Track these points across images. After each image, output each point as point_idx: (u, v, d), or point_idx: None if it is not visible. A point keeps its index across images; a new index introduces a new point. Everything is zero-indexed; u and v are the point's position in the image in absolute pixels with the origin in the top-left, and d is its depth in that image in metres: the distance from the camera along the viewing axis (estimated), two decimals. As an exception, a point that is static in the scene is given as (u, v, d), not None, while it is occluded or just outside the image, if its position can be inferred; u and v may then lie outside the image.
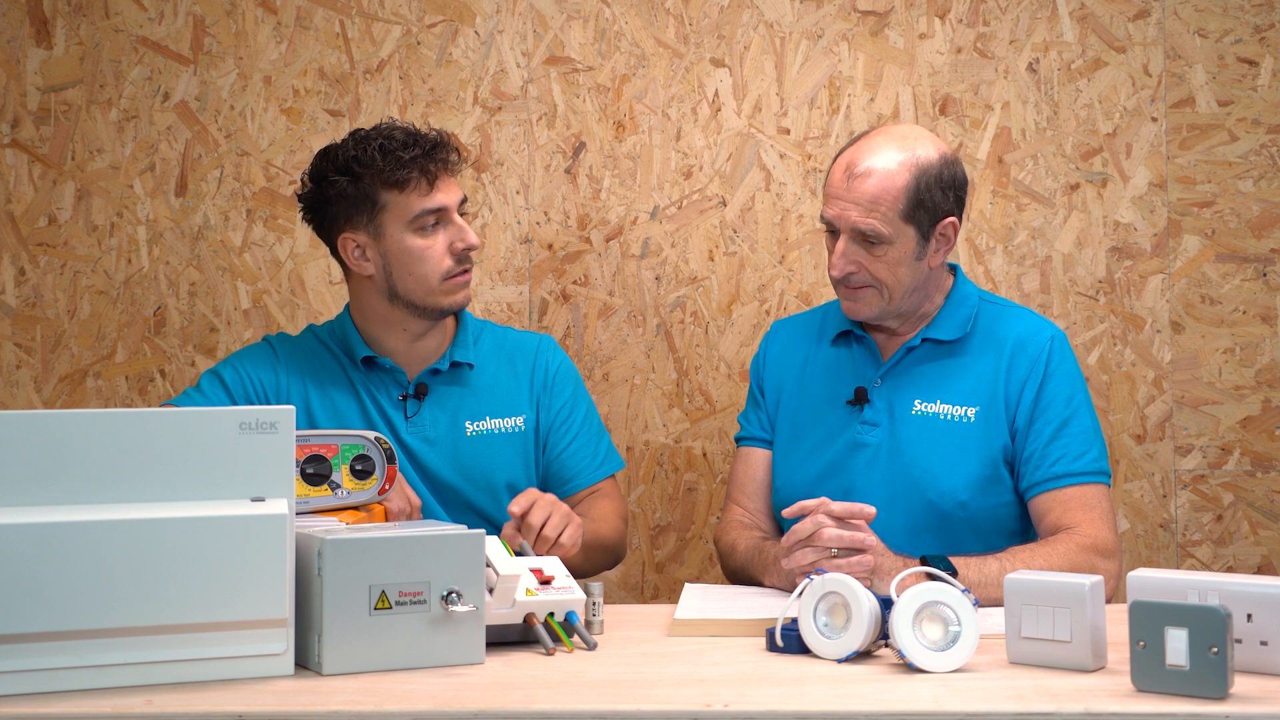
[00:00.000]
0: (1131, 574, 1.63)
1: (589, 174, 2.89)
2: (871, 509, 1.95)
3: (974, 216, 2.85)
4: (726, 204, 2.88)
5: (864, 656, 1.68)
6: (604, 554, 2.29)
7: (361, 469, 1.97)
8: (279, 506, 1.60)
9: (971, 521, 2.18)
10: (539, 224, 2.89)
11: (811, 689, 1.53)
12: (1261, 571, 2.80)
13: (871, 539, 1.95)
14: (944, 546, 2.13)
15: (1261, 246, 2.83)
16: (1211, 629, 1.45)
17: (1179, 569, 2.79)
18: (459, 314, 2.36)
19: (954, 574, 1.94)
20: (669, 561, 2.88)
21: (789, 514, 1.98)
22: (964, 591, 1.64)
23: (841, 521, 1.94)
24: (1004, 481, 2.20)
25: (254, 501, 1.61)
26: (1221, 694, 1.45)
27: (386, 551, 1.62)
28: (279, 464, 1.63)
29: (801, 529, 1.94)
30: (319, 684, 1.57)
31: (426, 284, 2.25)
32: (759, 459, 2.35)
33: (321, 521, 1.84)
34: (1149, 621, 1.48)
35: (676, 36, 2.88)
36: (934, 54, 2.86)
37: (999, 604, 1.77)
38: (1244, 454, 2.82)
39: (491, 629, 1.70)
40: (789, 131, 2.88)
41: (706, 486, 2.87)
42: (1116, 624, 1.60)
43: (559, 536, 2.01)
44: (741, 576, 2.23)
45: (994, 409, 2.20)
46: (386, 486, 1.99)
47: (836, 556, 1.93)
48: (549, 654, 1.70)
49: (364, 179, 2.22)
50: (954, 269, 2.33)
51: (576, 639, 1.76)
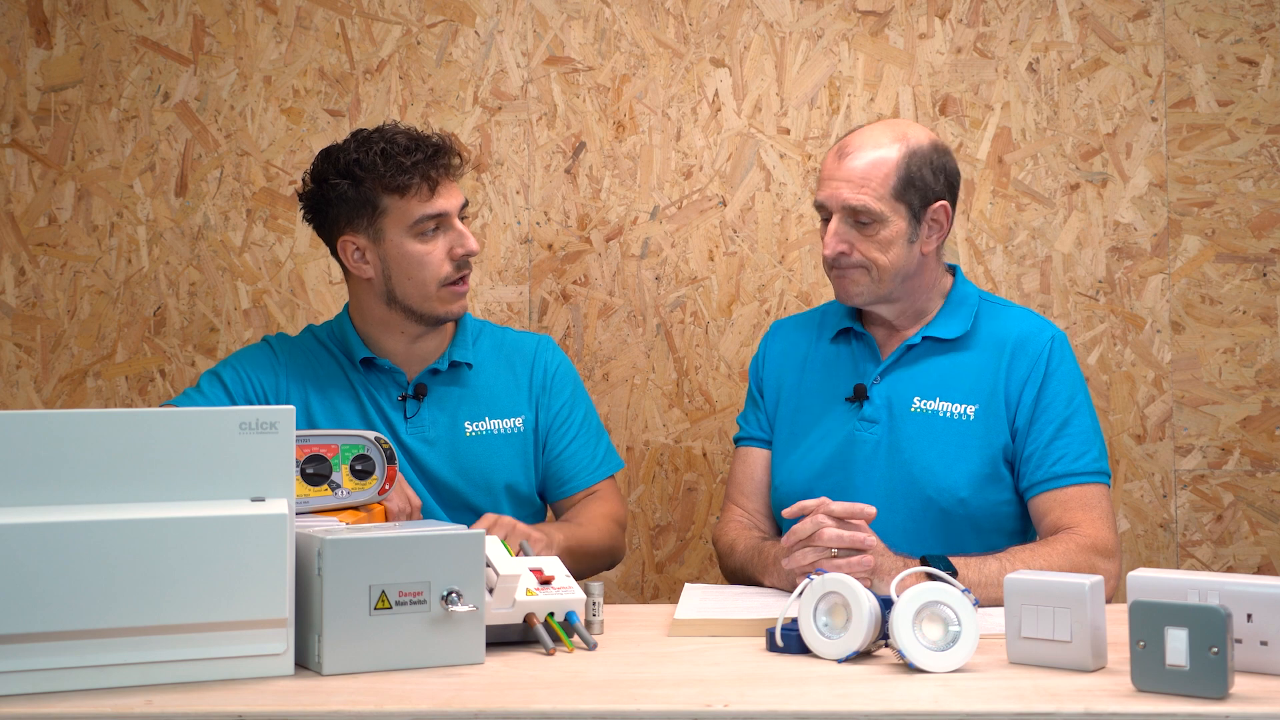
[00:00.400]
0: (1131, 574, 1.63)
1: (589, 174, 2.88)
2: (871, 509, 1.95)
3: (974, 216, 2.85)
4: (726, 204, 2.88)
5: (864, 656, 1.68)
6: (593, 559, 2.29)
7: (361, 469, 1.97)
8: (279, 506, 1.60)
9: (971, 519, 2.19)
10: (539, 224, 2.89)
11: (811, 689, 1.53)
12: (1261, 571, 2.80)
13: (871, 539, 1.95)
14: (944, 544, 2.13)
15: (1261, 246, 2.83)
16: (1211, 629, 1.45)
17: (1179, 569, 2.79)
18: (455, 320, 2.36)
19: (954, 574, 1.94)
20: (669, 561, 2.88)
21: (789, 514, 1.98)
22: (964, 591, 1.64)
23: (841, 521, 1.94)
24: (1004, 480, 2.20)
25: (254, 501, 1.61)
26: (1221, 694, 1.45)
27: (386, 551, 1.62)
28: (279, 464, 1.63)
29: (801, 529, 1.94)
30: (319, 684, 1.57)
31: (425, 289, 2.24)
32: (758, 459, 2.35)
33: (321, 521, 1.84)
34: (1149, 621, 1.48)
35: (676, 36, 2.88)
36: (934, 54, 2.86)
37: (999, 604, 1.77)
38: (1244, 454, 2.82)
39: (491, 629, 1.70)
40: (789, 131, 2.88)
41: (706, 486, 2.87)
42: (1116, 624, 1.60)
43: None
44: (740, 576, 2.23)
45: (994, 408, 2.20)
46: (386, 486, 1.99)
47: (836, 556, 1.93)
48: (549, 654, 1.70)
49: (365, 183, 2.22)
50: (954, 269, 2.33)
51: (576, 639, 1.76)
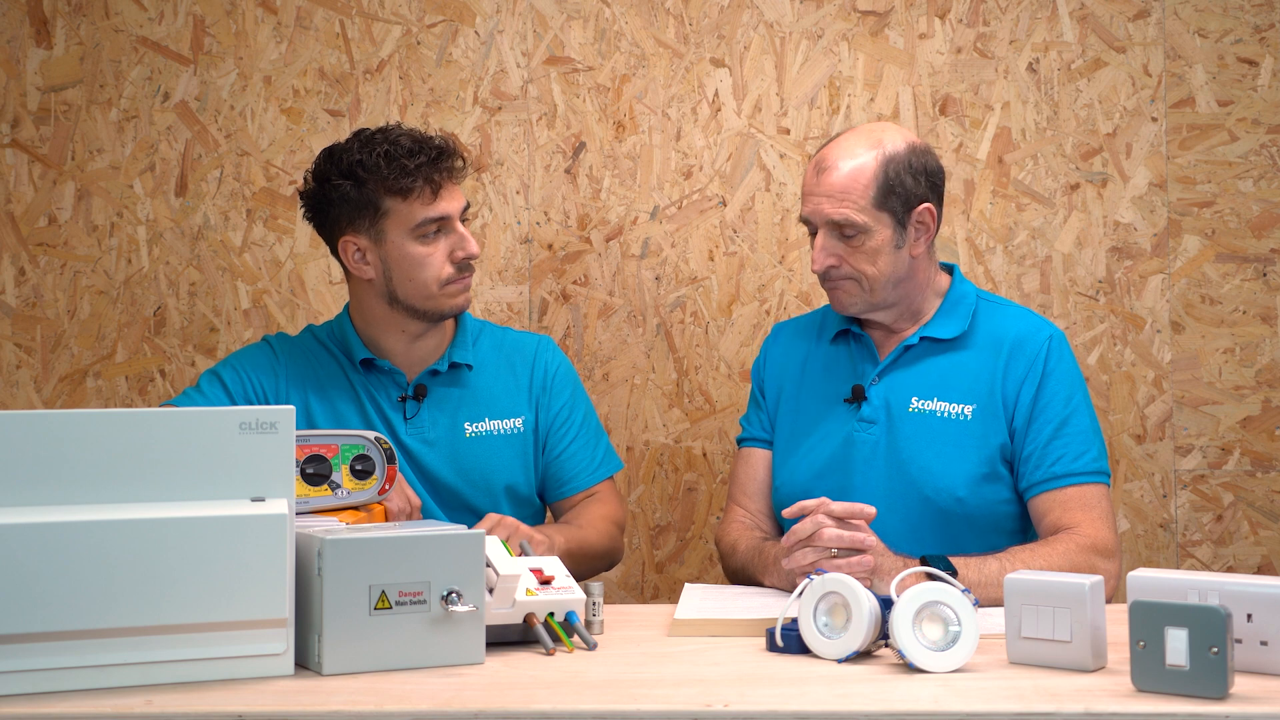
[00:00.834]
0: (1131, 574, 1.63)
1: (589, 174, 2.88)
2: (871, 509, 1.95)
3: (974, 216, 2.85)
4: (726, 204, 2.88)
5: (864, 656, 1.68)
6: (592, 560, 2.29)
7: (361, 469, 1.97)
8: (279, 506, 1.60)
9: (970, 519, 2.19)
10: (539, 224, 2.89)
11: (811, 689, 1.53)
12: (1261, 571, 2.80)
13: (871, 539, 1.95)
14: (943, 544, 2.13)
15: (1261, 246, 2.83)
16: (1211, 629, 1.45)
17: (1179, 569, 2.79)
18: (458, 315, 2.36)
19: (954, 574, 1.94)
20: (669, 561, 2.88)
21: (789, 514, 1.98)
22: (964, 591, 1.64)
23: (841, 521, 1.94)
24: (1003, 479, 2.20)
25: (254, 501, 1.61)
26: (1221, 694, 1.45)
27: (386, 551, 1.62)
28: (279, 464, 1.63)
29: (801, 529, 1.94)
30: (319, 684, 1.57)
31: (426, 290, 2.24)
32: (760, 459, 2.35)
33: (321, 521, 1.84)
34: (1149, 621, 1.48)
35: (676, 36, 2.88)
36: (934, 54, 2.86)
37: (999, 604, 1.77)
38: (1244, 454, 2.82)
39: (491, 629, 1.70)
40: (789, 131, 2.88)
41: (706, 486, 2.87)
42: (1116, 624, 1.60)
43: None
44: (742, 577, 2.23)
45: (992, 407, 2.20)
46: (386, 486, 1.99)
47: (836, 556, 1.93)
48: (549, 654, 1.70)
49: (367, 184, 2.21)
50: (951, 269, 2.33)
51: (576, 639, 1.76)
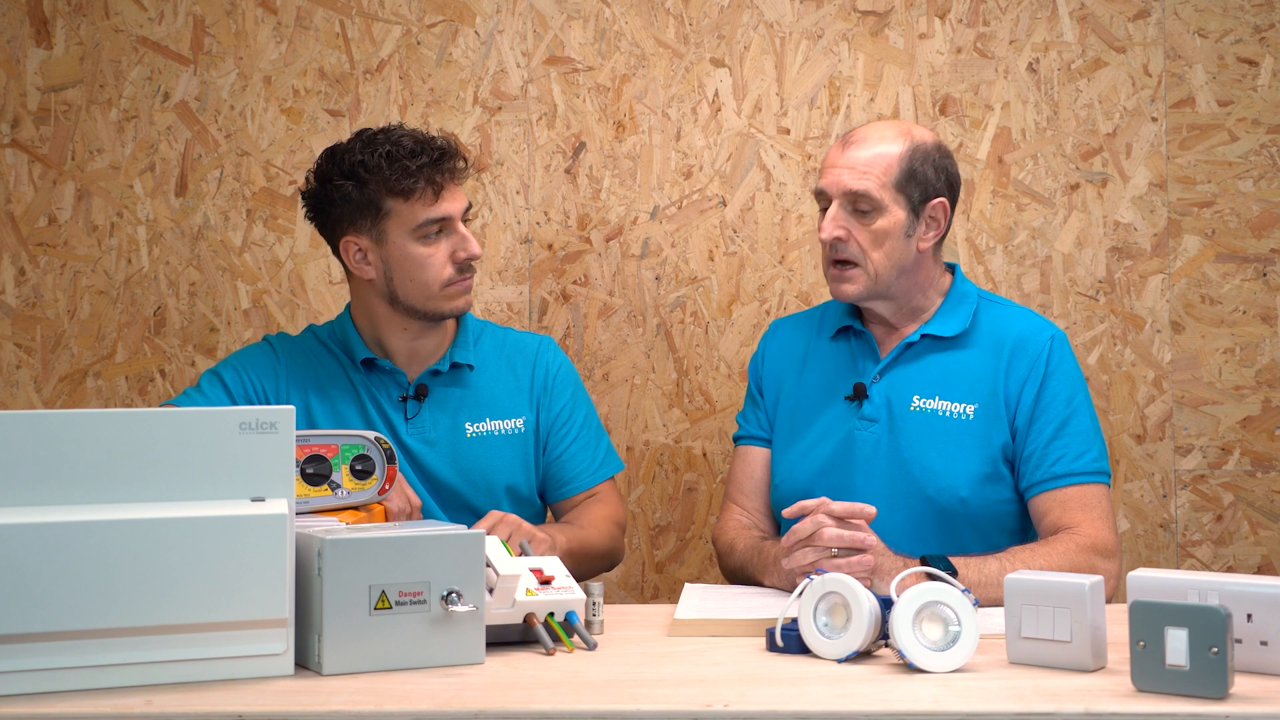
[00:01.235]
0: (1131, 574, 1.63)
1: (589, 174, 2.88)
2: (872, 509, 1.95)
3: (974, 216, 2.85)
4: (726, 204, 2.88)
5: (864, 656, 1.68)
6: (594, 561, 2.29)
7: (361, 469, 1.97)
8: (279, 506, 1.60)
9: (971, 518, 2.19)
10: (539, 224, 2.89)
11: (811, 689, 1.53)
12: (1261, 571, 2.80)
13: (872, 539, 1.95)
14: (944, 543, 2.13)
15: (1261, 246, 2.83)
16: (1211, 629, 1.45)
17: (1179, 569, 2.79)
18: (459, 315, 2.36)
19: (954, 574, 1.94)
20: (669, 561, 2.88)
21: (789, 514, 1.98)
22: (964, 591, 1.64)
23: (842, 521, 1.94)
24: (1004, 479, 2.20)
25: (254, 501, 1.61)
26: (1221, 694, 1.45)
27: (386, 551, 1.62)
28: (279, 464, 1.63)
29: (801, 529, 1.94)
30: (319, 684, 1.57)
31: (427, 290, 2.24)
32: (757, 458, 2.35)
33: (321, 521, 1.84)
34: (1149, 621, 1.48)
35: (676, 36, 2.88)
36: (934, 54, 2.86)
37: (999, 604, 1.77)
38: (1244, 454, 2.82)
39: (491, 629, 1.70)
40: (789, 131, 2.87)
41: (706, 486, 2.87)
42: (1116, 624, 1.60)
43: None
44: (740, 576, 2.23)
45: (993, 407, 2.20)
46: (386, 486, 1.99)
47: (836, 556, 1.93)
48: (549, 654, 1.70)
49: (369, 185, 2.21)
50: (953, 268, 2.33)
51: (576, 639, 1.76)
